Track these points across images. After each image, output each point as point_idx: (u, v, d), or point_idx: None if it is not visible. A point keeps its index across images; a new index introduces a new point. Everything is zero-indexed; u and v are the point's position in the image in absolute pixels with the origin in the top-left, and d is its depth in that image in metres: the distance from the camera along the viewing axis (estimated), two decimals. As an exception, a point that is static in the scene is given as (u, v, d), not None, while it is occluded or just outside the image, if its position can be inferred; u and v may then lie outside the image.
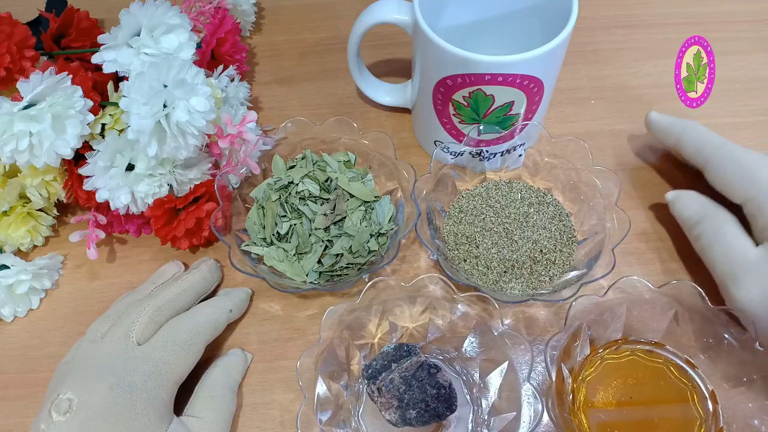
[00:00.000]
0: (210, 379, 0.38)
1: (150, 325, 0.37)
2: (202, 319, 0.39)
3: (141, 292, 0.41)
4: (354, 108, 0.54)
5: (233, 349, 0.41)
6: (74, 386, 0.34)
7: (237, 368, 0.40)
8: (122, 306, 0.39)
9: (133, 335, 0.36)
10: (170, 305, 0.39)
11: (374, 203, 0.44)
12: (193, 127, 0.38)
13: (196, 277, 0.41)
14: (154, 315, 0.38)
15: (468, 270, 0.43)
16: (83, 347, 0.37)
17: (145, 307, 0.38)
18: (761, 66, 0.55)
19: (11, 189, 0.43)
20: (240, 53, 0.50)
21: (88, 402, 0.33)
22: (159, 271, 0.43)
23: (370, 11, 0.44)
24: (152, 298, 0.39)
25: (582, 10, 0.41)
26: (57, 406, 0.33)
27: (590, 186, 0.44)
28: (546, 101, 0.45)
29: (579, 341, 0.37)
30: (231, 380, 0.39)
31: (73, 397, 0.33)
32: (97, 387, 0.34)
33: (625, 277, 0.37)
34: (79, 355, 0.37)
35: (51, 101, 0.38)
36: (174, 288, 0.40)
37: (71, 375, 0.35)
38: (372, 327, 0.40)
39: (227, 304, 0.41)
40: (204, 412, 0.37)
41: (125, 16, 0.40)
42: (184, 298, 0.40)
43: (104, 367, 0.35)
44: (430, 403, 0.35)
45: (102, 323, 0.38)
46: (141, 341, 0.37)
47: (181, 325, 0.38)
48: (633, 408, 0.37)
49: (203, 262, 0.43)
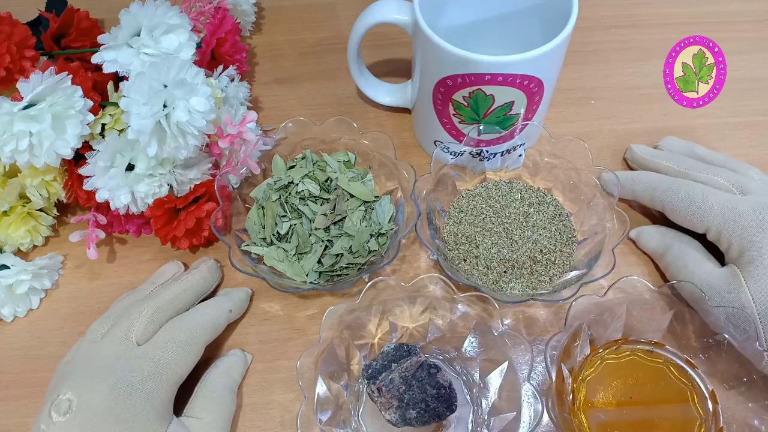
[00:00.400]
0: (210, 380, 0.38)
1: (150, 326, 0.37)
2: (202, 320, 0.39)
3: (141, 293, 0.41)
4: (354, 108, 0.54)
5: (233, 349, 0.41)
6: (74, 386, 0.34)
7: (237, 369, 0.40)
8: (122, 306, 0.39)
9: (132, 336, 0.36)
10: (170, 305, 0.39)
11: (374, 203, 0.44)
12: (193, 127, 0.38)
13: (196, 278, 0.41)
14: (154, 315, 0.38)
15: (468, 270, 0.43)
16: (83, 347, 0.37)
17: (145, 308, 0.38)
18: (761, 66, 0.55)
19: (11, 189, 0.43)
20: (240, 53, 0.50)
21: (88, 402, 0.33)
22: (159, 271, 0.43)
23: (370, 11, 0.44)
24: (152, 298, 0.39)
25: (582, 10, 0.41)
26: (57, 406, 0.33)
27: (590, 186, 0.44)
28: (546, 101, 0.45)
29: (579, 341, 0.37)
30: (231, 381, 0.39)
31: (72, 398, 0.33)
32: (97, 387, 0.34)
33: (625, 277, 0.37)
34: (79, 355, 0.37)
35: (51, 101, 0.38)
36: (174, 288, 0.40)
37: (71, 375, 0.35)
38: (372, 327, 0.40)
39: (227, 305, 0.41)
40: (204, 412, 0.37)
41: (125, 16, 0.40)
42: (184, 298, 0.40)
43: (104, 367, 0.35)
44: (430, 403, 0.35)
45: (102, 323, 0.38)
46: (141, 341, 0.37)
47: (181, 325, 0.38)
48: (633, 408, 0.37)
49: (203, 262, 0.43)
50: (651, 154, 0.46)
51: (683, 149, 0.46)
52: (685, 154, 0.46)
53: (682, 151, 0.46)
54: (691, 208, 0.41)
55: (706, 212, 0.40)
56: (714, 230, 0.40)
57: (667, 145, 0.47)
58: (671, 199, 0.42)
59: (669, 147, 0.47)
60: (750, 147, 0.50)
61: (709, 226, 0.40)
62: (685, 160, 0.44)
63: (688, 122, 0.52)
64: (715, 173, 0.42)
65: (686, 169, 0.43)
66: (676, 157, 0.45)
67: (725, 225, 0.39)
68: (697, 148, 0.46)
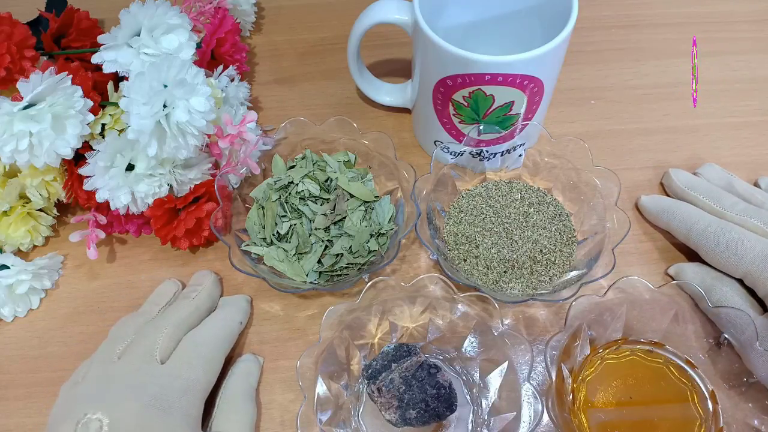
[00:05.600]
0: (229, 390, 0.39)
1: (170, 344, 0.37)
2: (220, 334, 0.39)
3: (147, 314, 0.40)
4: (354, 108, 0.54)
5: (246, 354, 0.41)
6: (102, 406, 0.33)
7: (253, 374, 0.40)
8: (130, 328, 0.39)
9: (156, 354, 0.36)
10: (185, 324, 0.39)
11: (374, 203, 0.44)
12: (193, 127, 0.38)
13: (204, 295, 0.42)
14: (174, 334, 0.38)
15: (468, 270, 0.43)
16: (97, 369, 0.36)
17: (165, 327, 0.38)
18: (761, 66, 0.55)
19: (11, 189, 0.43)
20: (240, 53, 0.50)
21: (121, 420, 0.33)
22: (158, 291, 0.43)
23: (370, 11, 0.44)
24: (166, 318, 0.39)
25: (582, 10, 0.41)
26: (86, 427, 0.32)
27: (590, 186, 0.44)
28: (546, 101, 0.45)
29: (579, 341, 0.37)
30: (249, 387, 0.39)
31: (103, 417, 0.33)
32: (128, 405, 0.34)
33: (625, 277, 0.37)
34: (93, 377, 0.36)
35: (51, 101, 0.38)
36: (187, 308, 0.40)
37: (93, 395, 0.34)
38: (372, 327, 0.40)
39: (237, 317, 0.41)
40: (228, 424, 0.37)
41: (125, 16, 0.40)
42: (197, 315, 0.40)
43: (134, 386, 0.35)
44: (430, 403, 0.35)
45: (114, 345, 0.37)
46: (164, 360, 0.37)
47: (202, 341, 0.38)
48: (633, 408, 0.37)
49: (204, 276, 0.43)
50: (688, 185, 0.45)
51: (721, 180, 0.46)
52: (722, 187, 0.45)
53: (720, 183, 0.45)
54: (727, 253, 0.40)
55: (743, 259, 0.39)
56: (750, 278, 0.39)
57: (705, 173, 0.46)
58: (707, 243, 0.41)
59: (707, 176, 0.46)
60: (750, 147, 0.50)
61: (745, 273, 0.39)
62: (722, 197, 0.43)
63: (688, 122, 0.52)
64: (752, 215, 0.41)
65: (723, 208, 0.42)
66: (715, 192, 0.44)
67: (762, 273, 0.38)
68: (735, 182, 0.45)
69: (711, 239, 0.41)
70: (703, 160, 0.48)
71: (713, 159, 0.48)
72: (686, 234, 0.43)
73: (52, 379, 0.41)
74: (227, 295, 0.44)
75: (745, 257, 0.39)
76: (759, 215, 0.41)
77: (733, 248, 0.40)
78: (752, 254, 0.39)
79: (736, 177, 0.46)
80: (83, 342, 0.42)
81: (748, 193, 0.44)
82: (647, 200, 0.46)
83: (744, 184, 0.45)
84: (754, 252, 0.39)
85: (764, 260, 0.38)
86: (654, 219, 0.45)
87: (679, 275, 0.43)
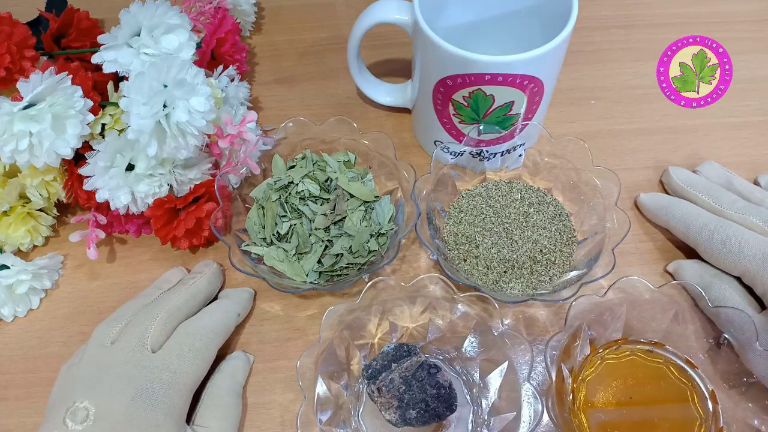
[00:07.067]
0: (215, 386, 0.38)
1: (163, 332, 0.37)
2: (214, 326, 0.39)
3: (147, 297, 0.40)
4: (354, 108, 0.54)
5: (235, 351, 0.41)
6: (91, 395, 0.34)
7: (241, 372, 0.40)
8: (129, 310, 0.39)
9: (147, 343, 0.36)
10: (180, 312, 0.39)
11: (374, 203, 0.44)
12: (193, 127, 0.38)
13: (203, 283, 0.41)
14: (167, 322, 0.38)
15: (468, 270, 0.43)
16: (92, 352, 0.37)
17: (158, 314, 0.38)
18: (761, 66, 0.55)
19: (11, 189, 0.43)
20: (240, 53, 0.50)
21: (107, 412, 0.33)
22: (163, 277, 0.43)
23: (370, 11, 0.44)
24: (161, 304, 0.39)
25: (582, 10, 0.41)
26: (73, 414, 0.33)
27: (590, 186, 0.44)
28: (546, 101, 0.45)
29: (579, 341, 0.37)
30: (236, 384, 0.39)
31: (90, 407, 0.33)
32: (116, 397, 0.34)
33: (625, 277, 0.37)
34: (88, 360, 0.36)
35: (51, 101, 0.38)
36: (183, 294, 0.40)
37: (84, 382, 0.35)
38: (372, 327, 0.40)
39: (235, 309, 0.41)
40: (212, 421, 0.37)
41: (125, 16, 0.40)
42: (193, 303, 0.40)
43: (122, 376, 0.35)
44: (430, 403, 0.35)
45: (110, 327, 0.38)
46: (155, 348, 0.37)
47: (195, 332, 0.38)
48: (633, 408, 0.37)
49: (206, 266, 0.43)
50: (688, 183, 0.45)
51: (721, 178, 0.46)
52: (722, 185, 0.45)
53: (719, 181, 0.45)
54: (725, 251, 0.40)
55: (741, 257, 0.39)
56: (749, 275, 0.39)
57: (705, 171, 0.46)
58: (706, 240, 0.41)
59: (707, 174, 0.46)
60: (750, 147, 0.50)
61: (743, 270, 0.39)
62: (721, 194, 0.43)
63: (688, 122, 0.52)
64: (751, 213, 0.41)
65: (722, 206, 0.43)
66: (714, 190, 0.44)
67: (760, 271, 0.38)
68: (735, 180, 0.45)
69: (709, 236, 0.41)
70: (703, 160, 0.48)
71: (713, 159, 0.48)
72: (685, 231, 0.43)
73: (52, 379, 0.40)
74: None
75: (744, 255, 0.39)
76: (758, 213, 0.41)
77: (731, 246, 0.40)
78: (751, 252, 0.39)
79: (735, 175, 0.46)
80: (83, 342, 0.42)
81: (748, 191, 0.44)
82: (646, 198, 0.46)
83: (743, 182, 0.45)
84: (752, 250, 0.39)
85: (763, 258, 0.38)
86: (653, 216, 0.45)
87: (678, 272, 0.43)
